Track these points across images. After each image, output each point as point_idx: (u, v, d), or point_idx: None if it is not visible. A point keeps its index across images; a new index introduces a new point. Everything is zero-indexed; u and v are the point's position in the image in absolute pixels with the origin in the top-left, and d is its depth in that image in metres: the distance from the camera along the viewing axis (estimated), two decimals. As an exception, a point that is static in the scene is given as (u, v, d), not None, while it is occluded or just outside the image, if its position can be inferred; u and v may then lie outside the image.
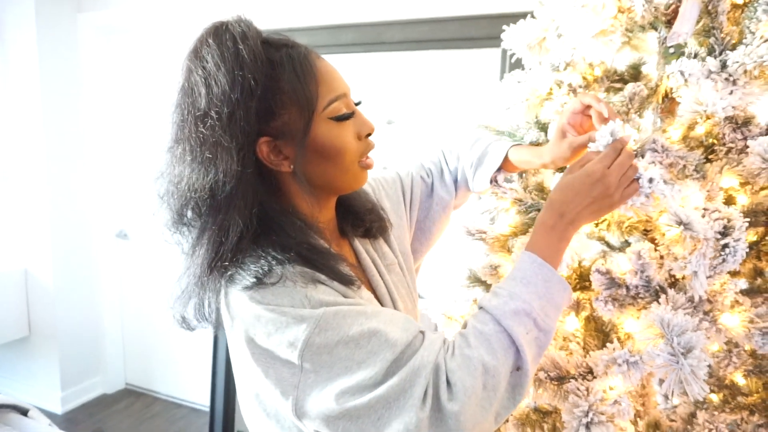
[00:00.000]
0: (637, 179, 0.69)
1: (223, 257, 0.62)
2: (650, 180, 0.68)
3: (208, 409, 2.42)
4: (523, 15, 0.99)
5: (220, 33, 0.61)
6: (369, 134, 0.70)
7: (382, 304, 0.75)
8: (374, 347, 0.58)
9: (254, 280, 0.61)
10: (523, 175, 0.92)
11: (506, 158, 0.87)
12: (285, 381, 0.59)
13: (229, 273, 0.63)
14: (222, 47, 0.60)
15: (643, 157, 0.74)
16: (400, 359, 0.58)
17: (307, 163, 0.65)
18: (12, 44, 2.51)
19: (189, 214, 0.64)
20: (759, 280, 0.87)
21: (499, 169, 0.90)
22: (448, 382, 0.57)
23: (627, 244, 0.91)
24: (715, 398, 0.90)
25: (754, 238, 0.84)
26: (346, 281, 0.64)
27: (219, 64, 0.59)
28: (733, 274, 0.78)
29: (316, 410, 0.58)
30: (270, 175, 0.66)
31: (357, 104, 0.71)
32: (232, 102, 0.59)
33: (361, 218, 0.78)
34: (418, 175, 0.94)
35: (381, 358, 0.57)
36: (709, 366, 0.68)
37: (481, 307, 0.65)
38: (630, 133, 0.71)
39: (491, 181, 0.89)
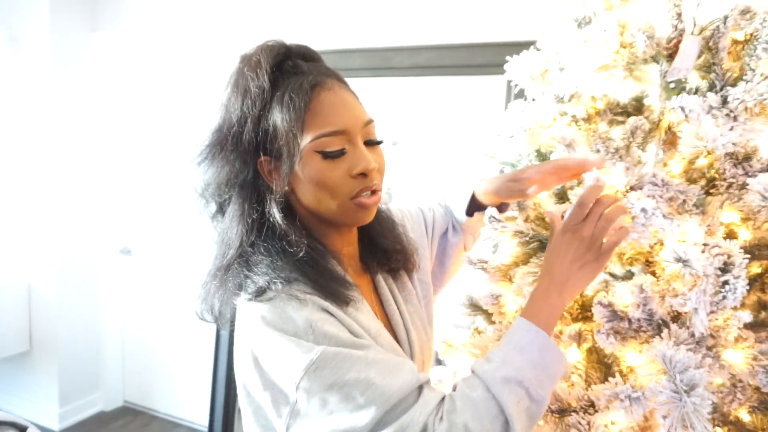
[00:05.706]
0: (632, 216, 0.68)
1: (239, 256, 0.67)
2: (643, 210, 0.67)
3: (206, 429, 2.39)
4: (529, 44, 1.00)
5: (245, 59, 0.68)
6: (363, 173, 0.66)
7: (395, 334, 0.76)
8: (368, 399, 0.58)
9: (257, 289, 0.64)
10: (523, 206, 0.93)
11: (477, 197, 0.91)
12: (280, 406, 0.61)
13: (239, 279, 0.67)
14: (239, 70, 0.68)
15: (641, 189, 0.74)
16: (392, 412, 0.59)
17: (298, 189, 0.68)
18: (27, 63, 2.57)
19: (215, 209, 0.72)
20: (763, 314, 0.86)
21: (480, 207, 0.93)
22: None
23: (630, 274, 0.90)
24: (720, 433, 0.88)
25: (759, 271, 0.84)
26: (341, 298, 0.66)
27: (235, 86, 0.68)
28: (737, 306, 0.77)
29: None
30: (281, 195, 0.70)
31: (378, 143, 0.70)
32: (239, 118, 0.66)
33: (388, 256, 0.80)
34: (438, 212, 0.98)
35: (373, 411, 0.58)
36: (713, 402, 0.67)
37: (473, 371, 0.65)
38: (604, 182, 0.71)
39: (489, 219, 0.91)
